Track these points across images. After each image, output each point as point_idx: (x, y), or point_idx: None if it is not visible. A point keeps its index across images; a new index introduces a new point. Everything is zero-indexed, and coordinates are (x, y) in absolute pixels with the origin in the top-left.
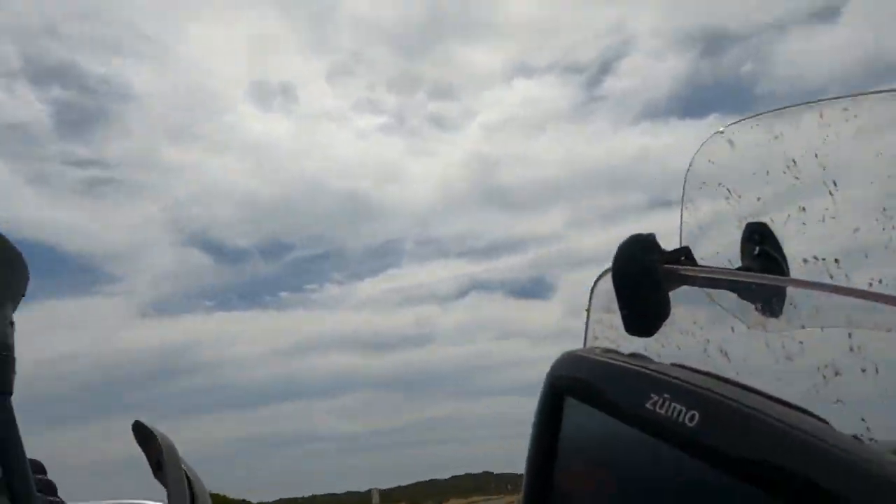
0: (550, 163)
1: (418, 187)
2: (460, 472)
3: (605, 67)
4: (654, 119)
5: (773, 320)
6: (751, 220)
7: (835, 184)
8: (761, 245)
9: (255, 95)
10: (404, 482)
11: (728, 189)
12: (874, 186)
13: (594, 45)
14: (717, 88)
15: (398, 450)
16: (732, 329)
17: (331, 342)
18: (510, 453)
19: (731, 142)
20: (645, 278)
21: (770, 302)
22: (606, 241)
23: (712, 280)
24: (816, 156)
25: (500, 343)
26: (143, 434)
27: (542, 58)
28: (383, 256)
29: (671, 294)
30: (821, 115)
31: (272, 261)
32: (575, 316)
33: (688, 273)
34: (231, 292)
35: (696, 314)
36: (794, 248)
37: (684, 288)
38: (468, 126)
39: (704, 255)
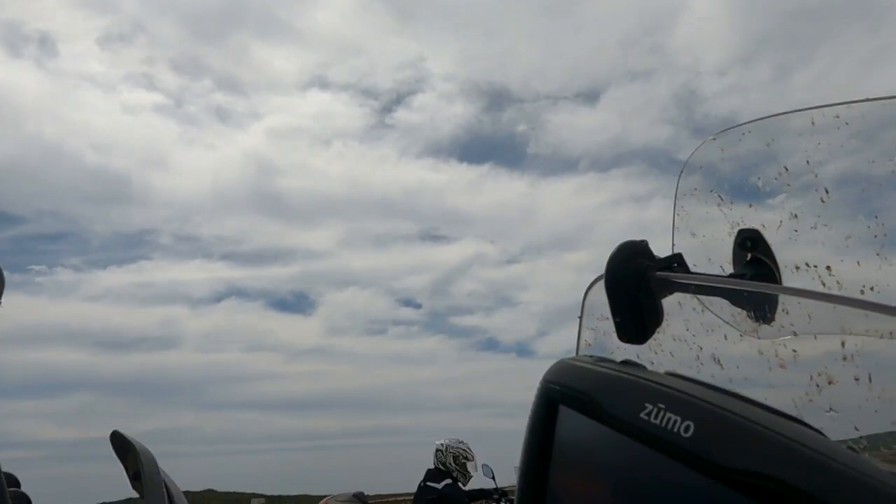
0: (332, 180)
1: (187, 179)
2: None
3: (399, 98)
4: (436, 156)
5: (765, 327)
6: (743, 226)
7: (826, 191)
8: (753, 252)
9: (1, 37)
10: (110, 499)
11: (720, 195)
12: (866, 194)
13: (392, 75)
14: (495, 141)
15: (113, 463)
16: (725, 336)
17: (53, 334)
18: (237, 470)
19: (722, 148)
20: (638, 285)
21: (763, 309)
22: (374, 265)
23: (705, 287)
24: (808, 163)
25: (251, 354)
26: (121, 444)
27: (341, 75)
28: (134, 246)
29: (664, 301)
30: (812, 122)
31: None
32: (335, 334)
33: (680, 280)
34: None
35: (689, 321)
36: (787, 254)
37: (677, 295)
38: (253, 126)
39: (696, 261)
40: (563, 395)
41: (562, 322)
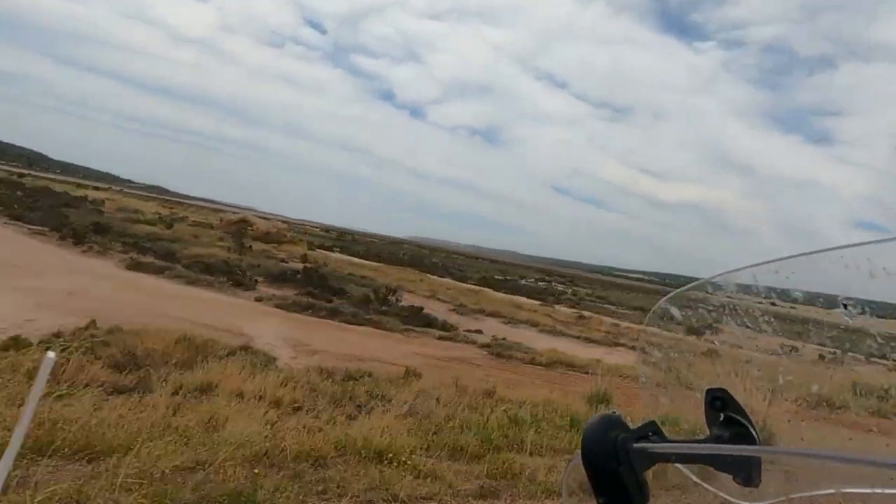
0: None
1: None
2: None
3: None
4: None
5: (755, 492)
6: (710, 386)
7: (794, 349)
8: (725, 411)
9: None
10: None
11: (683, 354)
12: (826, 339)
13: None
14: None
15: None
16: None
17: None
18: (69, 134)
19: (677, 308)
20: (618, 460)
21: (747, 471)
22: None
23: (686, 455)
24: (765, 316)
25: (128, 22)
26: None
27: None
28: None
29: (647, 474)
30: (755, 278)
31: None
32: (228, 31)
33: (660, 450)
34: None
35: (676, 494)
36: (758, 409)
37: (658, 465)
38: None
39: (671, 427)
40: None
41: (462, 97)
